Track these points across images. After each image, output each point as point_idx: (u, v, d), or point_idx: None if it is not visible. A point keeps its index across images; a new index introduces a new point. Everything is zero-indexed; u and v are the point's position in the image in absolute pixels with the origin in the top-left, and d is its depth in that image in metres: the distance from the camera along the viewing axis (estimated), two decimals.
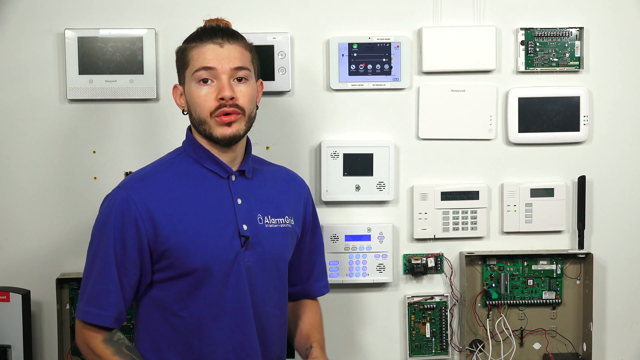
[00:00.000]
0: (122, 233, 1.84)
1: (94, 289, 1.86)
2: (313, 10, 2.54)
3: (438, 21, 2.56)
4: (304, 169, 2.56)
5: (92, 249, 1.90)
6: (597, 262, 2.61)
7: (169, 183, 1.90)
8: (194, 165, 1.93)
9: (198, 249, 1.86)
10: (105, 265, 1.85)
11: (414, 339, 2.62)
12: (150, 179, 1.91)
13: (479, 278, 2.62)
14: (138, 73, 2.48)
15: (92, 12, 2.48)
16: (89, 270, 1.89)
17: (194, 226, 1.87)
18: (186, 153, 1.95)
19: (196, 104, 1.89)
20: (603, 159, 2.63)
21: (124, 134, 2.52)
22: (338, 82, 2.54)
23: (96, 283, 1.86)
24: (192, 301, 1.88)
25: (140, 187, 1.88)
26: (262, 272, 1.95)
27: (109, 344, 1.85)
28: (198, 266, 1.86)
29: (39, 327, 2.54)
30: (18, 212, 2.51)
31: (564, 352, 2.64)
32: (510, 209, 2.61)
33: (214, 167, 1.93)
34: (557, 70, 2.59)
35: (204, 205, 1.89)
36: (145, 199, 1.86)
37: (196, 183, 1.91)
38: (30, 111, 2.49)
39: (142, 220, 1.84)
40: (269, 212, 1.98)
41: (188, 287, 1.87)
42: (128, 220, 1.84)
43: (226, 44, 1.89)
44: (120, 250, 1.85)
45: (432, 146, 2.60)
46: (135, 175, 1.95)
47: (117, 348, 1.85)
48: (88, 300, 1.87)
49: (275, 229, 1.98)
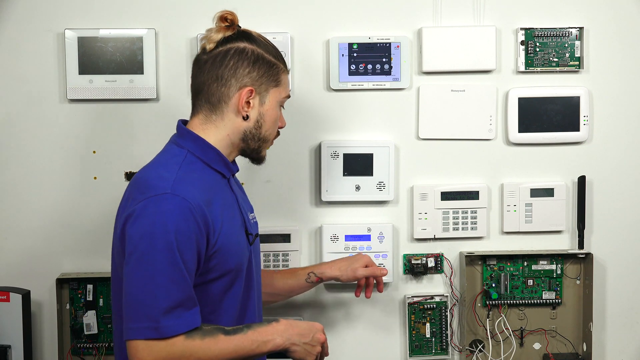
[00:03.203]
0: (190, 238, 1.75)
1: (172, 299, 1.72)
2: (313, 10, 2.54)
3: (438, 21, 2.56)
4: (304, 169, 2.57)
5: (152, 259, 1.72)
6: (597, 262, 2.61)
7: (201, 185, 1.83)
8: (203, 165, 1.88)
9: (235, 249, 1.87)
10: (180, 272, 1.73)
11: (414, 339, 2.62)
12: (188, 181, 1.81)
13: (479, 278, 2.62)
14: (138, 73, 2.48)
15: (92, 12, 2.48)
16: (156, 282, 1.72)
17: (229, 227, 1.86)
18: (191, 154, 1.88)
19: (273, 125, 1.96)
20: (603, 159, 2.63)
21: (124, 134, 2.52)
22: (338, 82, 2.54)
23: (171, 293, 1.72)
24: (223, 303, 1.88)
25: (187, 189, 1.78)
26: (259, 266, 2.04)
27: (193, 335, 1.75)
28: (233, 267, 1.87)
29: (39, 327, 2.54)
30: (18, 212, 2.51)
31: (564, 352, 2.64)
32: (510, 209, 2.61)
33: (223, 168, 1.92)
34: (557, 70, 2.59)
35: (227, 206, 1.89)
36: (199, 203, 1.77)
37: (213, 184, 1.88)
38: (31, 111, 2.49)
39: (203, 223, 1.78)
40: (249, 208, 2.06)
41: (223, 288, 1.87)
42: (193, 226, 1.75)
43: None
44: (190, 255, 1.76)
45: (432, 146, 2.60)
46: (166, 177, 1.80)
47: (201, 331, 1.76)
48: (167, 312, 1.72)
49: (254, 223, 2.05)
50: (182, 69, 2.50)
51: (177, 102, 2.51)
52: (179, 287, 1.73)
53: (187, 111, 2.52)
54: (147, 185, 1.79)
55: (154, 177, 1.80)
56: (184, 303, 1.74)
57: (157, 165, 1.87)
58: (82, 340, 2.51)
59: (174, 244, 1.72)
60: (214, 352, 1.76)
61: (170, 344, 1.72)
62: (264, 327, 1.83)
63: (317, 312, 2.61)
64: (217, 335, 1.77)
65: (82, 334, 2.50)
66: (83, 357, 2.52)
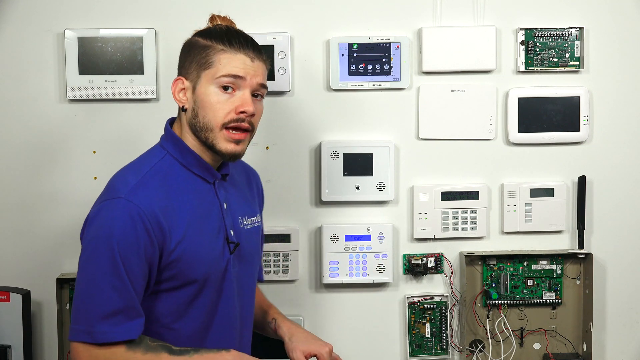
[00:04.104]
0: (137, 245, 1.71)
1: (111, 305, 1.70)
2: (313, 10, 2.54)
3: (438, 21, 2.56)
4: (304, 169, 2.57)
5: (95, 263, 1.71)
6: (597, 262, 2.61)
7: (166, 190, 1.78)
8: (181, 169, 1.82)
9: (200, 258, 1.79)
10: (121, 280, 1.70)
11: (414, 339, 2.62)
12: (149, 187, 1.76)
13: (479, 278, 2.62)
14: (138, 73, 2.48)
15: (92, 12, 2.48)
16: (99, 286, 1.70)
17: (194, 235, 1.78)
18: (170, 156, 1.83)
19: (210, 110, 1.78)
20: (603, 159, 2.63)
21: (124, 134, 2.51)
22: (338, 82, 2.54)
23: (111, 299, 1.70)
24: (187, 312, 1.82)
25: (144, 196, 1.73)
26: (245, 275, 1.92)
27: (135, 347, 1.71)
28: (198, 276, 1.79)
29: (39, 327, 2.54)
30: (18, 212, 2.51)
31: (564, 352, 2.64)
32: (510, 209, 2.61)
33: (203, 172, 1.84)
34: (557, 70, 2.59)
35: (199, 212, 1.81)
36: (152, 209, 1.72)
37: (188, 189, 1.81)
38: (31, 111, 2.49)
39: (154, 232, 1.72)
40: (245, 213, 1.94)
41: (187, 297, 1.81)
42: (142, 233, 1.71)
43: (256, 60, 1.81)
44: (136, 263, 1.71)
45: (432, 146, 2.60)
46: (129, 181, 1.76)
47: (144, 346, 1.72)
48: (104, 318, 1.69)
49: (251, 229, 1.95)
50: None
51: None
52: (120, 294, 1.70)
53: None
54: (110, 187, 1.78)
55: (118, 181, 1.79)
56: (125, 311, 1.70)
57: (130, 167, 1.84)
58: None
59: (117, 251, 1.69)
60: None
61: (110, 352, 1.70)
62: (211, 354, 1.74)
63: (317, 311, 2.61)
64: (160, 353, 1.72)
65: None
66: None
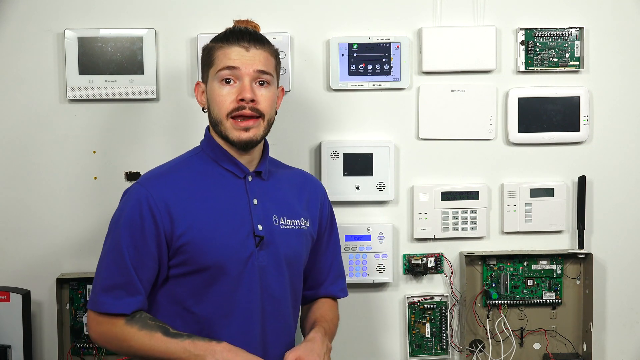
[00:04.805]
0: (142, 227, 1.87)
1: (112, 279, 1.87)
2: (313, 10, 2.54)
3: (438, 21, 2.56)
4: (304, 169, 2.56)
5: (108, 241, 1.91)
6: (597, 262, 2.61)
7: (187, 181, 1.93)
8: (212, 164, 1.97)
9: (213, 246, 1.89)
10: (122, 257, 1.86)
11: (414, 339, 2.63)
12: (168, 177, 1.94)
13: (479, 278, 2.62)
14: (138, 73, 2.48)
15: (92, 12, 2.48)
16: (105, 262, 1.89)
17: (209, 224, 1.89)
18: (204, 152, 1.99)
19: (215, 103, 1.93)
20: (603, 159, 2.63)
21: (124, 134, 2.51)
22: (338, 82, 2.54)
23: (113, 274, 1.87)
24: (206, 297, 1.90)
25: (158, 183, 1.91)
26: (278, 272, 1.97)
27: (133, 323, 1.86)
28: (211, 263, 1.89)
29: (39, 327, 2.54)
30: (18, 212, 2.50)
31: (564, 352, 2.64)
32: (510, 209, 2.61)
33: (232, 167, 1.96)
34: (557, 70, 2.59)
35: (221, 204, 1.93)
36: (163, 195, 1.89)
37: (214, 182, 1.95)
38: (31, 111, 2.49)
39: (160, 216, 1.87)
40: (285, 214, 2.01)
41: (202, 283, 1.90)
42: (147, 215, 1.87)
43: (252, 49, 1.93)
44: (140, 243, 1.87)
45: (432, 146, 2.60)
46: (154, 172, 1.97)
47: (142, 323, 1.85)
48: (105, 290, 1.87)
49: (290, 230, 2.00)
50: (182, 69, 2.50)
51: (177, 102, 2.51)
52: (120, 270, 1.87)
53: (188, 111, 2.53)
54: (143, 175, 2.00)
55: (150, 170, 2.00)
56: (124, 287, 1.87)
57: (168, 161, 2.03)
58: (82, 340, 2.51)
59: (122, 231, 1.87)
60: (146, 346, 1.84)
61: (112, 322, 1.87)
62: (202, 342, 1.83)
63: None
64: (154, 332, 1.84)
65: (82, 334, 2.50)
66: (83, 357, 2.52)
